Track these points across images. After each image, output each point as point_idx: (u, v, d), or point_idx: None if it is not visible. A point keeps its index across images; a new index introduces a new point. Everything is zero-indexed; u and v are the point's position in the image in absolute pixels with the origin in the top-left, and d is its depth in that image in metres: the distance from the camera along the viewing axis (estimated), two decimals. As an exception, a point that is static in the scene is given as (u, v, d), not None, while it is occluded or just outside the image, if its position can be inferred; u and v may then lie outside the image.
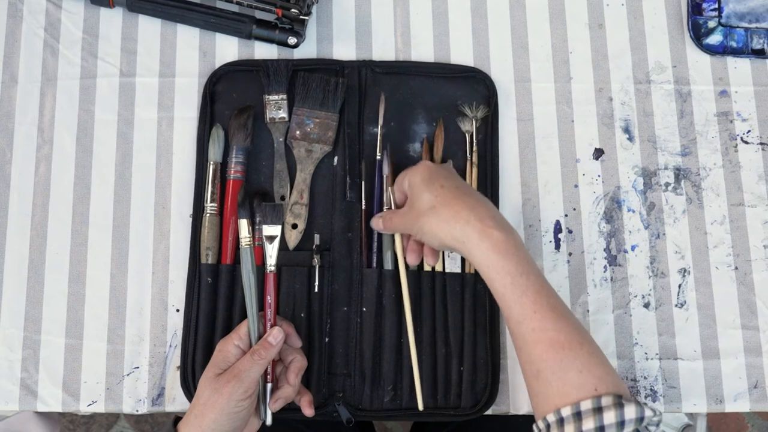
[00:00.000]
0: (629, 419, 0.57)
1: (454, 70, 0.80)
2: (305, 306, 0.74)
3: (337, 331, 0.74)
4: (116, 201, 0.78)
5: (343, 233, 0.76)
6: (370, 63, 0.80)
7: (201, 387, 0.65)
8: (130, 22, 0.82)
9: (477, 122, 0.78)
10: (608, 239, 0.78)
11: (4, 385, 0.74)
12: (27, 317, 0.75)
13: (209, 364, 0.67)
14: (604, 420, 0.57)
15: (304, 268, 0.74)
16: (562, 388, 0.59)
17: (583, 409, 0.58)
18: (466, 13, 0.83)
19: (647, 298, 0.76)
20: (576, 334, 0.62)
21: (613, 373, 0.61)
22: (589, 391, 0.59)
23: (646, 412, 0.58)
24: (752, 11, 0.82)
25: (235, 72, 0.79)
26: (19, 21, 0.82)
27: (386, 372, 0.73)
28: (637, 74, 0.81)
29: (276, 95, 0.78)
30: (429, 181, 0.67)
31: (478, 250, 0.63)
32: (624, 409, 0.57)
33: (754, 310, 0.76)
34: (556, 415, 0.59)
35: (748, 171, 0.79)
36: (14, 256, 0.77)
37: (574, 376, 0.59)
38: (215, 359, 0.67)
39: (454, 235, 0.64)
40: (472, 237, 0.63)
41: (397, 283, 0.73)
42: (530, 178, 0.79)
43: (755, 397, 0.74)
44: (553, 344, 0.60)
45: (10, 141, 0.79)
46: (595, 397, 0.58)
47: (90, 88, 0.80)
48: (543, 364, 0.60)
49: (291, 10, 0.77)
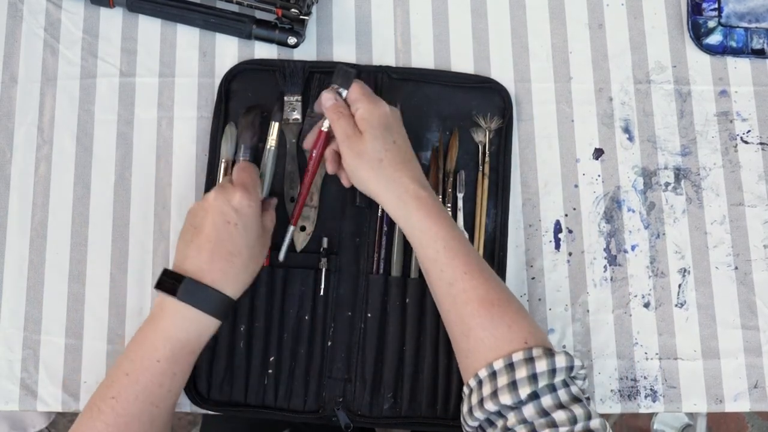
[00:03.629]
0: (560, 367, 0.59)
1: (470, 80, 0.79)
2: (310, 308, 0.74)
3: (340, 335, 0.74)
4: (116, 201, 0.78)
5: (351, 238, 0.75)
6: (387, 69, 0.79)
7: (250, 241, 0.66)
8: (130, 22, 0.82)
9: (490, 133, 0.78)
10: (608, 239, 0.78)
11: (4, 385, 0.74)
12: (27, 317, 0.75)
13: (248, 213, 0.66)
14: (536, 368, 0.59)
15: (310, 271, 0.74)
16: (494, 343, 0.61)
17: (515, 360, 0.60)
18: (466, 13, 0.83)
19: (647, 298, 0.76)
20: (504, 293, 0.64)
21: (539, 329, 0.64)
22: (520, 343, 0.61)
23: (575, 362, 0.60)
24: (752, 11, 0.82)
25: (250, 71, 0.79)
26: (19, 21, 0.82)
27: (387, 379, 0.73)
28: (637, 74, 0.81)
29: (291, 96, 0.77)
30: (384, 130, 0.67)
31: (415, 218, 0.65)
32: (555, 358, 0.60)
33: (754, 310, 0.76)
34: (488, 370, 0.61)
35: (748, 171, 0.79)
36: (14, 256, 0.77)
37: (505, 331, 0.62)
38: (253, 216, 0.67)
39: (389, 197, 0.66)
40: (410, 204, 0.65)
41: (403, 291, 0.73)
42: (530, 178, 0.79)
43: (755, 397, 0.74)
44: (484, 302, 0.63)
45: (10, 141, 0.79)
46: (526, 349, 0.60)
47: (90, 88, 0.80)
48: (474, 321, 0.63)
49: (291, 10, 0.77)
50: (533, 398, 0.59)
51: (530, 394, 0.59)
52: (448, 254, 0.64)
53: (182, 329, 0.63)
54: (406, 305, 0.73)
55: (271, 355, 0.73)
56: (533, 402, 0.59)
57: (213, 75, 0.80)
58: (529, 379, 0.59)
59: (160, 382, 0.63)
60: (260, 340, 0.73)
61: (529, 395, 0.59)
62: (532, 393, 0.59)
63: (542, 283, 0.76)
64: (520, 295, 0.76)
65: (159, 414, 0.63)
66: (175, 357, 0.63)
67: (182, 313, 0.63)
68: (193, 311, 0.63)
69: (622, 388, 0.74)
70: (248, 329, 0.73)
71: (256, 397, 0.73)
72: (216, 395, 0.72)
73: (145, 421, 0.62)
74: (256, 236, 0.67)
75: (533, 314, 0.76)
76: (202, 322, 0.64)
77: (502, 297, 0.64)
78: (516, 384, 0.59)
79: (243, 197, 0.66)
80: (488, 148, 0.78)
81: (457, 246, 0.65)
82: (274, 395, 0.73)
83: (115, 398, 0.62)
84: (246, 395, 0.73)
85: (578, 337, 0.75)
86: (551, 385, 0.59)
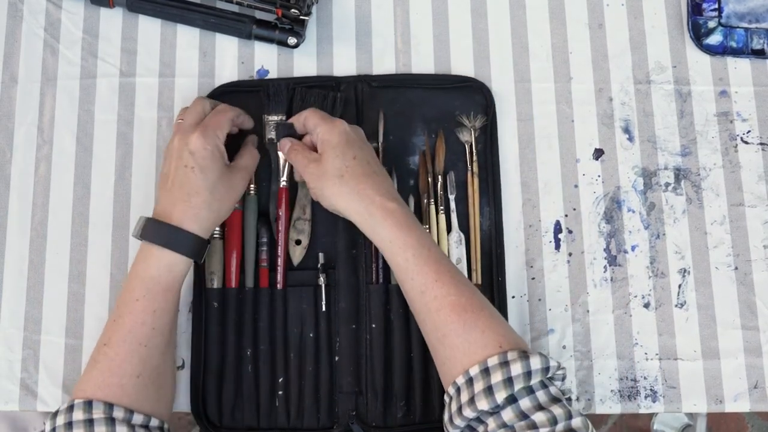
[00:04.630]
0: (535, 369, 0.59)
1: (450, 81, 0.80)
2: (313, 325, 0.74)
3: (346, 348, 0.73)
4: (116, 201, 0.78)
5: (348, 250, 0.75)
6: (366, 77, 0.79)
7: (209, 182, 0.68)
8: (130, 22, 0.82)
9: (476, 132, 0.78)
10: (608, 239, 0.78)
11: (4, 385, 0.74)
12: (27, 317, 0.75)
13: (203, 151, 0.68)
14: (512, 372, 0.59)
15: (309, 288, 0.74)
16: (468, 349, 0.62)
17: (491, 364, 0.60)
18: (466, 13, 0.83)
19: (647, 298, 0.76)
20: (476, 298, 0.65)
21: (514, 332, 0.65)
22: (494, 348, 0.61)
23: (550, 362, 0.60)
24: (752, 11, 0.82)
25: (232, 92, 0.79)
26: (19, 21, 0.82)
27: (398, 387, 0.72)
28: (637, 74, 0.81)
29: (276, 116, 0.77)
30: (344, 147, 0.68)
31: (382, 227, 0.66)
32: (530, 360, 0.60)
33: (754, 310, 0.76)
34: (465, 377, 0.61)
35: (748, 171, 0.79)
36: (14, 256, 0.77)
37: (478, 336, 0.62)
38: (215, 150, 0.69)
39: (356, 209, 0.67)
40: (377, 215, 0.66)
41: (404, 297, 0.73)
42: (530, 178, 0.79)
43: (755, 397, 0.74)
44: (455, 308, 0.63)
45: (10, 141, 0.79)
46: (500, 353, 0.60)
47: (90, 88, 0.80)
48: (447, 327, 0.63)
49: (291, 10, 0.77)
50: (511, 402, 0.58)
51: (507, 397, 0.58)
52: (417, 262, 0.65)
53: (152, 267, 0.67)
54: (409, 312, 0.73)
55: (280, 377, 0.73)
56: (511, 405, 0.58)
57: (213, 75, 0.81)
58: (504, 382, 0.58)
59: (142, 320, 0.65)
60: (267, 362, 0.73)
61: (506, 399, 0.58)
62: (509, 396, 0.58)
63: (542, 283, 0.76)
64: (521, 295, 0.76)
65: (149, 354, 0.65)
66: (151, 294, 0.66)
67: (151, 252, 0.67)
68: (158, 249, 0.66)
69: (622, 388, 0.74)
70: (254, 353, 0.73)
71: (269, 420, 0.72)
72: (228, 422, 0.72)
73: (136, 363, 0.65)
74: (216, 177, 0.68)
75: (533, 314, 0.76)
76: (169, 258, 0.67)
77: (474, 302, 0.64)
78: (492, 389, 0.59)
79: (198, 140, 0.68)
80: (475, 146, 0.78)
81: (427, 254, 0.65)
82: (287, 416, 0.73)
83: (106, 344, 0.66)
84: (258, 419, 0.72)
85: (578, 337, 0.75)
86: (528, 387, 0.59)
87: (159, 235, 0.67)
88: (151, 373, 0.66)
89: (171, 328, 0.68)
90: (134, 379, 0.64)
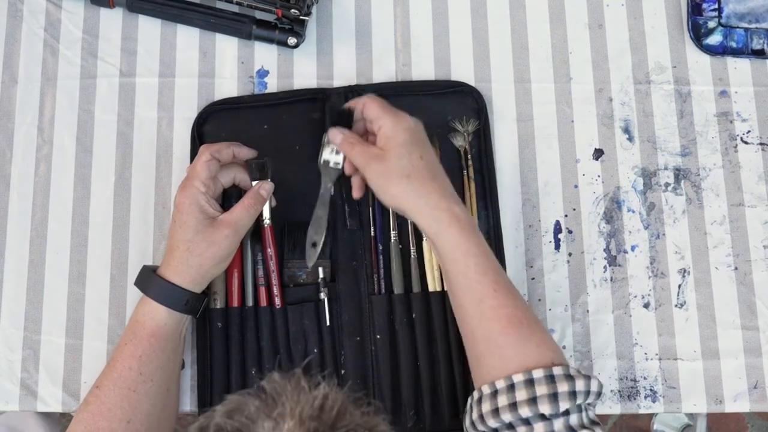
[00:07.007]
0: (583, 390, 0.60)
1: (440, 86, 0.79)
2: (317, 341, 0.73)
3: (352, 361, 0.73)
4: (116, 201, 0.78)
5: (348, 262, 0.75)
6: (356, 87, 0.79)
7: (187, 236, 0.67)
8: (130, 22, 0.82)
9: (469, 136, 0.78)
10: (608, 239, 0.78)
11: (4, 385, 0.74)
12: (27, 317, 0.75)
13: (187, 210, 0.67)
14: (575, 386, 0.59)
15: (311, 303, 0.74)
16: (523, 362, 0.62)
17: (555, 374, 0.60)
18: (466, 13, 0.83)
19: (647, 299, 0.76)
20: (530, 312, 0.65)
21: (562, 351, 0.65)
22: (546, 363, 0.62)
23: (592, 386, 0.61)
24: (752, 11, 0.82)
25: (221, 111, 0.78)
26: (19, 21, 0.82)
27: (406, 397, 0.72)
28: (637, 74, 0.81)
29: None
30: (411, 146, 0.66)
31: (447, 232, 0.65)
32: (589, 380, 0.60)
33: (754, 310, 0.76)
34: (506, 381, 0.61)
35: (748, 171, 0.79)
36: (14, 256, 0.77)
37: (533, 350, 0.62)
38: (195, 209, 0.67)
39: (422, 212, 0.65)
40: (442, 219, 0.65)
41: (408, 306, 0.73)
42: (530, 178, 0.79)
43: (755, 398, 0.74)
44: (512, 320, 0.63)
45: (10, 141, 0.79)
46: (547, 367, 0.61)
47: (90, 88, 0.80)
48: (503, 339, 0.63)
49: (291, 10, 0.77)
50: (564, 414, 0.59)
51: (564, 410, 0.59)
52: (478, 270, 0.64)
53: (138, 312, 0.68)
54: (413, 320, 0.73)
55: None
56: (563, 417, 0.59)
57: (213, 75, 0.81)
58: (565, 395, 0.59)
59: (129, 365, 0.66)
60: None
61: (563, 411, 0.59)
62: (565, 410, 0.59)
63: (542, 283, 0.76)
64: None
65: (138, 400, 0.65)
66: (137, 339, 0.67)
67: (141, 301, 0.69)
68: (145, 298, 0.68)
69: (622, 388, 0.74)
70: (258, 372, 0.72)
71: None
72: None
73: (126, 408, 0.65)
74: (193, 232, 0.67)
75: (533, 314, 0.76)
76: (153, 306, 0.67)
77: (530, 317, 0.64)
78: (537, 399, 0.59)
79: (179, 194, 0.68)
80: (469, 151, 0.77)
81: (488, 263, 0.65)
82: None
83: (98, 387, 0.66)
84: None
85: (578, 337, 0.75)
86: (578, 405, 0.60)
87: (142, 282, 0.69)
88: (143, 419, 0.65)
89: (162, 375, 0.67)
90: (124, 424, 0.64)
